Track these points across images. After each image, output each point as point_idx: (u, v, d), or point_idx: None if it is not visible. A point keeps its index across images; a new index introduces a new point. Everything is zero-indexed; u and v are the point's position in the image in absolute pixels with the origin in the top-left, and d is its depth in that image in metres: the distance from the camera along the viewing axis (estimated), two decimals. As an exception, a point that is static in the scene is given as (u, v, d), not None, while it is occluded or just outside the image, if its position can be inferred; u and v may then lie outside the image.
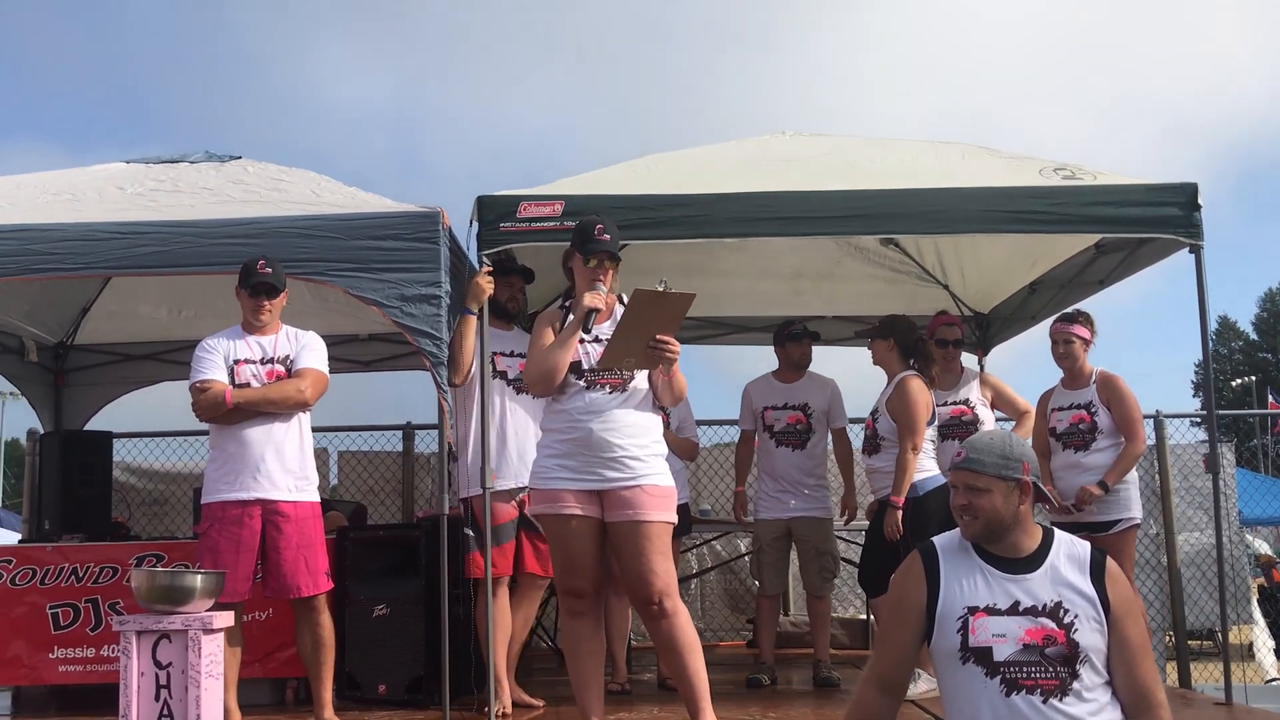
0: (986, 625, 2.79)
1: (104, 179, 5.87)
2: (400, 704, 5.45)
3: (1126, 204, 5.22)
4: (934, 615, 2.85)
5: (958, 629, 2.80)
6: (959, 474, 2.93)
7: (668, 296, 4.02)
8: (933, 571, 2.87)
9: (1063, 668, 2.74)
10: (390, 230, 4.99)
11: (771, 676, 6.10)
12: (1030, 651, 2.75)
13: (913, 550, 3.02)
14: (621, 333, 4.06)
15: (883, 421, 5.63)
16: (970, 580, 2.85)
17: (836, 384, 6.28)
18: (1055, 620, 2.78)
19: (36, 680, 5.91)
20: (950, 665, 2.83)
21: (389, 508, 8.35)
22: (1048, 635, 2.76)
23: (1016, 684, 2.74)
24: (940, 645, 2.84)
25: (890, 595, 2.99)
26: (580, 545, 4.18)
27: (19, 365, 7.71)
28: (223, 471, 4.71)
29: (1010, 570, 2.85)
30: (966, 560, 2.89)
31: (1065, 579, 2.84)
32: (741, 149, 6.23)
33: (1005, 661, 2.75)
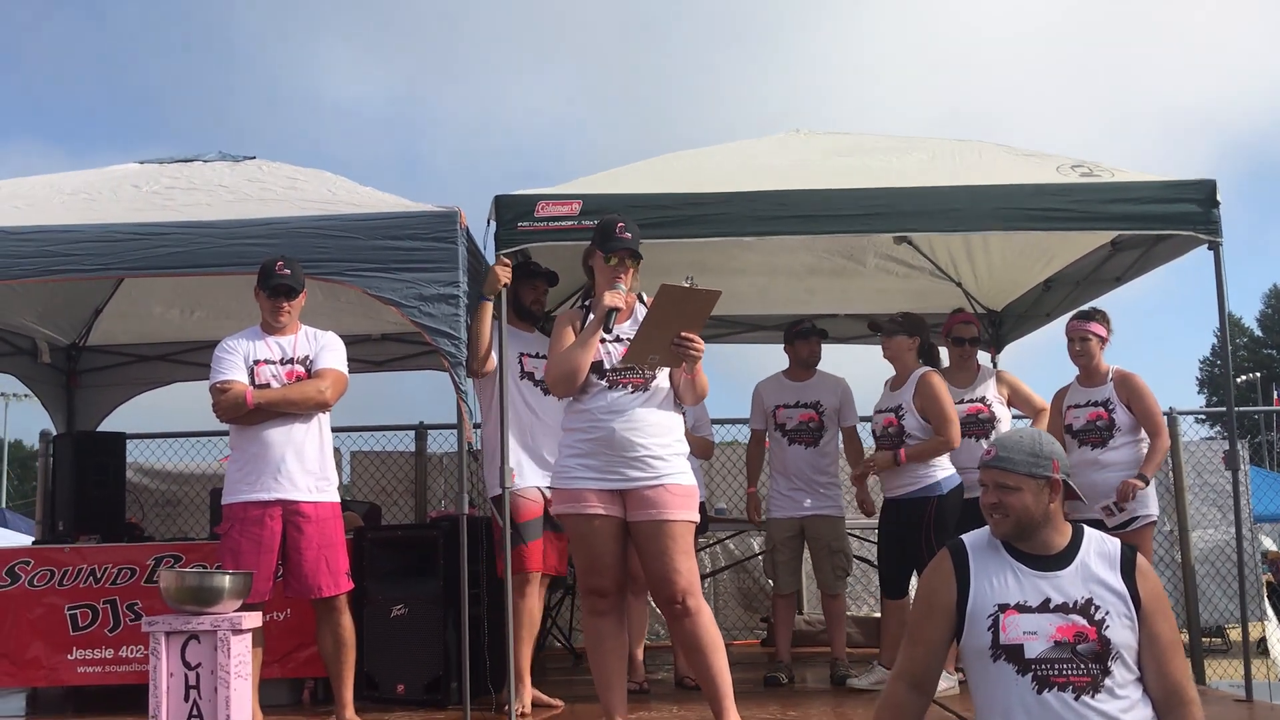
0: (1018, 623, 2.78)
1: (119, 178, 5.88)
2: (419, 704, 5.46)
3: (1145, 201, 5.22)
4: (964, 613, 2.84)
5: (988, 626, 2.79)
6: (989, 472, 2.91)
7: (694, 293, 4.01)
8: (962, 569, 2.87)
9: (1094, 664, 2.73)
10: (408, 230, 4.99)
11: (789, 675, 6.10)
12: (1062, 649, 2.75)
13: (941, 548, 3.00)
14: (646, 329, 4.05)
15: (910, 419, 5.61)
16: (1001, 578, 2.84)
17: (847, 383, 6.28)
18: (1086, 617, 2.77)
19: (55, 681, 5.91)
20: (981, 663, 2.82)
21: (402, 508, 8.35)
22: (1079, 632, 2.76)
23: (1048, 681, 2.73)
24: (971, 643, 2.83)
25: (919, 593, 2.98)
26: (603, 545, 4.18)
27: (32, 366, 7.72)
28: (244, 472, 4.71)
29: (1041, 568, 2.84)
30: (996, 558, 2.88)
31: (1096, 575, 2.83)
32: (757, 148, 6.23)
33: (1037, 659, 2.75)
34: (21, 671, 5.84)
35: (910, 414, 5.61)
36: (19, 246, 4.98)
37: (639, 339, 4.07)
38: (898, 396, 5.70)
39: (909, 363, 5.73)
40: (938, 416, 5.57)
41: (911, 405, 5.62)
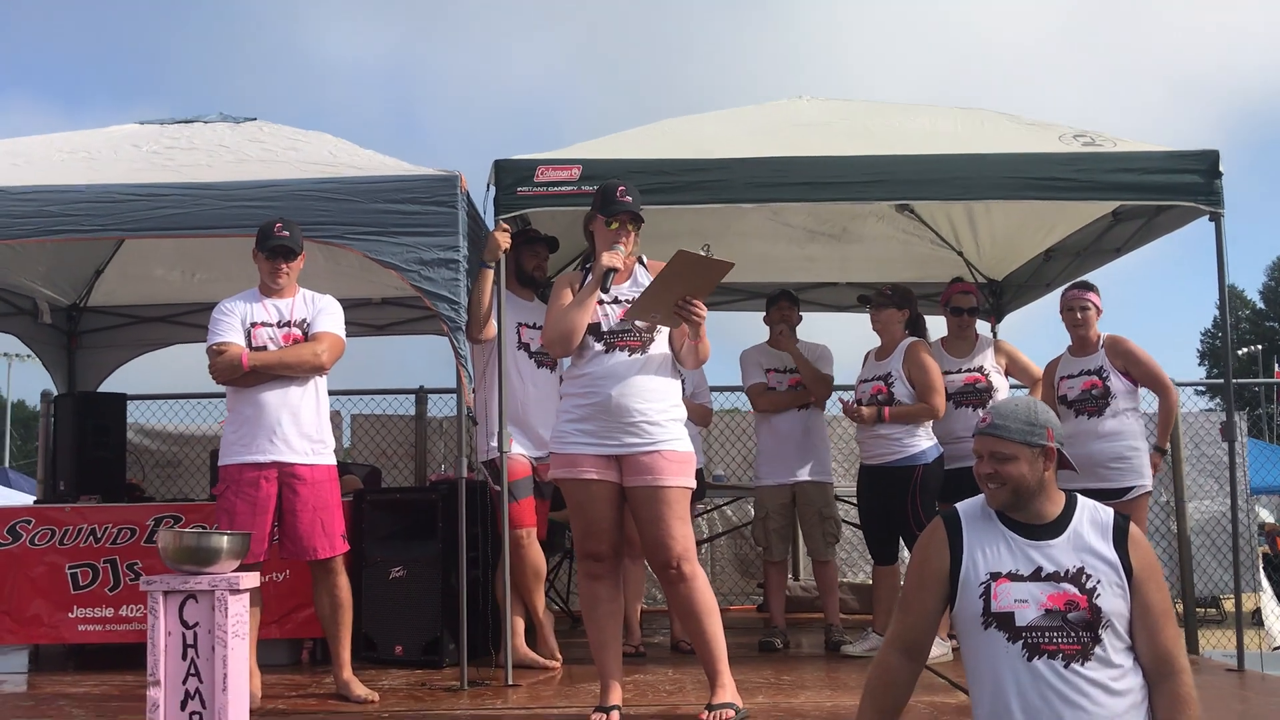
0: (1009, 591, 2.80)
1: (119, 138, 5.86)
2: (417, 664, 5.50)
3: (1147, 171, 5.20)
4: (957, 581, 2.85)
5: (980, 594, 2.81)
6: (984, 440, 2.92)
7: (708, 262, 4.02)
8: (955, 538, 2.88)
9: (1085, 633, 2.75)
10: (408, 194, 4.99)
11: (784, 640, 6.14)
12: (1052, 616, 2.76)
13: (934, 517, 3.02)
14: (654, 288, 4.06)
15: (899, 386, 5.64)
16: (993, 546, 2.86)
17: (827, 348, 6.27)
18: (1077, 585, 2.79)
19: (56, 639, 5.97)
20: (972, 630, 2.84)
21: (401, 471, 8.39)
22: (1070, 600, 2.77)
23: (1038, 649, 2.75)
24: (962, 610, 2.86)
25: (913, 562, 2.99)
26: (599, 510, 4.20)
27: (33, 326, 7.73)
28: (239, 434, 4.72)
29: (1033, 536, 2.85)
30: (989, 526, 2.89)
31: (1088, 544, 2.84)
32: (760, 114, 6.20)
33: (1027, 626, 2.76)
34: (23, 629, 5.89)
35: (900, 381, 5.65)
36: (17, 206, 4.97)
37: (645, 295, 4.08)
38: (886, 365, 5.74)
39: (896, 334, 5.79)
40: (923, 385, 5.62)
41: (901, 373, 5.67)
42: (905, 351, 5.70)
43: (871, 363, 5.85)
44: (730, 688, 4.21)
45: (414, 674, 5.34)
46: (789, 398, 6.19)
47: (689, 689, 4.80)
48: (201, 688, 3.32)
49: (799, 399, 6.16)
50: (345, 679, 4.81)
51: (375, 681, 5.02)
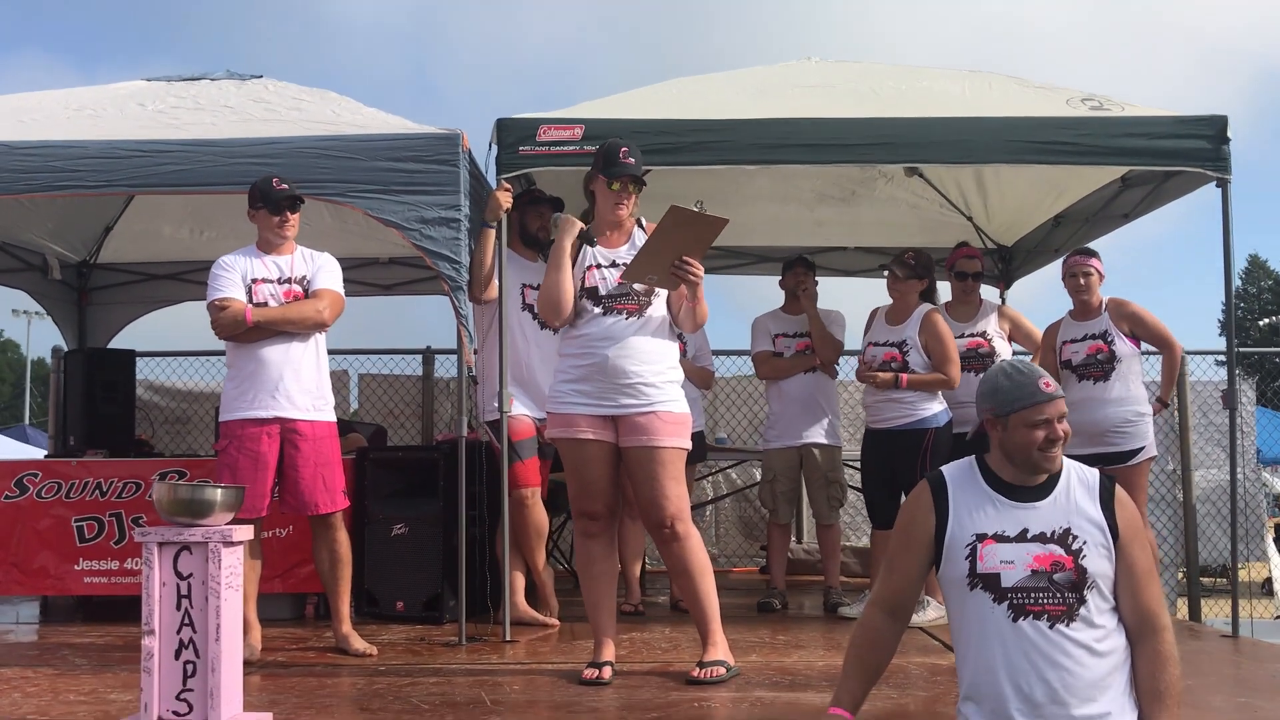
0: (995, 552, 2.79)
1: (125, 95, 5.87)
2: (417, 620, 5.56)
3: (1155, 136, 5.16)
4: (942, 542, 2.86)
5: (966, 555, 2.81)
6: (1058, 404, 2.86)
7: (702, 218, 4.01)
8: (941, 500, 2.88)
9: (1070, 593, 2.75)
10: (410, 152, 4.99)
11: (783, 601, 6.18)
12: (1038, 577, 2.76)
13: (921, 480, 3.02)
14: (649, 247, 4.06)
15: (914, 355, 5.61)
16: (979, 508, 2.85)
17: (840, 314, 6.26)
18: (1064, 547, 2.78)
19: (63, 590, 6.05)
20: (958, 591, 2.85)
21: (409, 430, 8.43)
22: (1056, 561, 2.77)
23: (1024, 609, 2.76)
24: (949, 572, 2.86)
25: (899, 522, 2.99)
26: (595, 469, 4.23)
27: (43, 283, 7.79)
28: (241, 390, 4.75)
29: (1020, 498, 2.85)
30: (976, 488, 2.89)
31: (1075, 505, 2.84)
32: (766, 75, 6.17)
33: (1013, 588, 2.77)
34: (30, 580, 5.97)
35: (915, 350, 5.62)
36: (24, 161, 4.99)
37: (640, 256, 4.08)
38: (900, 331, 5.69)
39: (912, 301, 5.75)
40: (941, 356, 5.60)
41: (917, 341, 5.63)
42: (922, 320, 5.66)
43: (882, 325, 5.79)
44: (722, 645, 4.25)
45: (414, 629, 5.40)
46: (793, 363, 6.19)
47: (684, 647, 4.84)
48: (195, 638, 3.35)
49: (805, 363, 6.16)
50: (344, 633, 4.86)
51: (376, 636, 5.08)
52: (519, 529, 5.28)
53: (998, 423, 2.86)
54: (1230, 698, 3.99)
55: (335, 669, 4.57)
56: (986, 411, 2.89)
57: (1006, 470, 2.88)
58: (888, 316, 5.81)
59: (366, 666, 4.59)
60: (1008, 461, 2.87)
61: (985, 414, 2.89)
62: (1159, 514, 8.01)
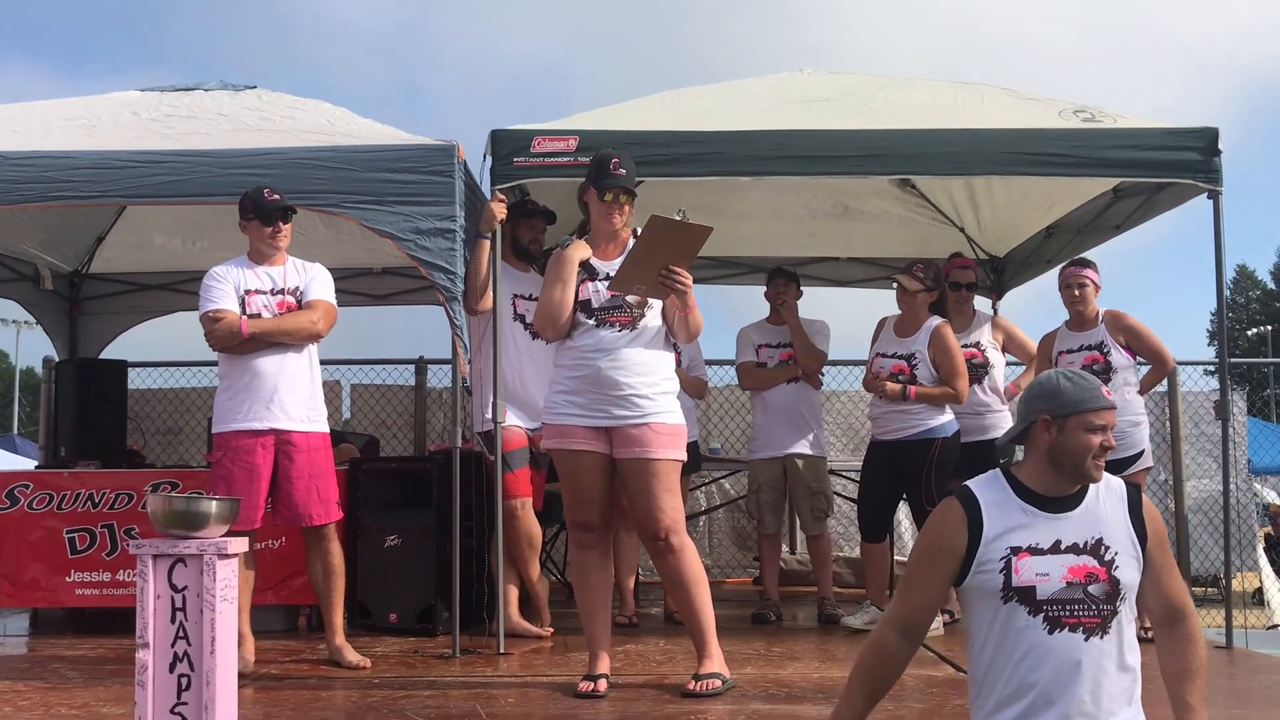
0: (1030, 565, 2.74)
1: (119, 105, 5.86)
2: (411, 632, 5.54)
3: (1146, 148, 5.18)
4: (973, 558, 2.79)
5: (1000, 569, 2.75)
6: (1113, 415, 2.84)
7: (684, 226, 4.01)
8: (974, 515, 2.81)
9: (1105, 605, 2.73)
10: (405, 163, 4.99)
11: (777, 613, 6.17)
12: (1073, 589, 2.72)
13: (946, 495, 2.91)
14: (634, 257, 4.06)
15: (923, 369, 5.59)
16: (1011, 520, 2.80)
17: (825, 323, 6.28)
18: (1097, 557, 2.75)
19: (54, 602, 6.02)
20: (988, 605, 2.79)
21: (401, 441, 8.42)
22: (1090, 572, 2.74)
23: (1059, 622, 2.72)
24: (979, 586, 2.79)
25: (924, 540, 2.89)
26: (589, 480, 4.23)
27: (34, 293, 7.76)
28: (235, 401, 4.74)
29: (1051, 509, 2.80)
30: (1006, 501, 2.83)
31: (1105, 515, 2.81)
32: (759, 87, 6.18)
33: (1049, 600, 2.72)
34: (21, 592, 5.94)
35: (924, 364, 5.60)
36: (16, 171, 4.98)
37: (625, 266, 4.09)
38: (910, 344, 5.66)
39: (921, 314, 5.70)
40: (949, 370, 5.59)
41: (925, 355, 5.61)
42: (931, 334, 5.65)
43: (892, 336, 5.77)
44: (718, 658, 4.24)
45: (408, 641, 5.38)
46: (776, 373, 6.21)
47: (679, 659, 4.83)
48: (190, 650, 3.34)
49: (788, 373, 6.18)
50: (338, 645, 4.85)
51: (369, 648, 5.07)
52: (510, 540, 5.28)
53: (1054, 424, 2.78)
54: (1224, 709, 3.99)
55: (329, 681, 4.55)
56: (1043, 412, 2.80)
57: (1038, 480, 2.82)
58: (896, 328, 5.78)
59: (360, 679, 4.57)
60: (1052, 468, 2.80)
61: (1040, 414, 2.80)
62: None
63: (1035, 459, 2.84)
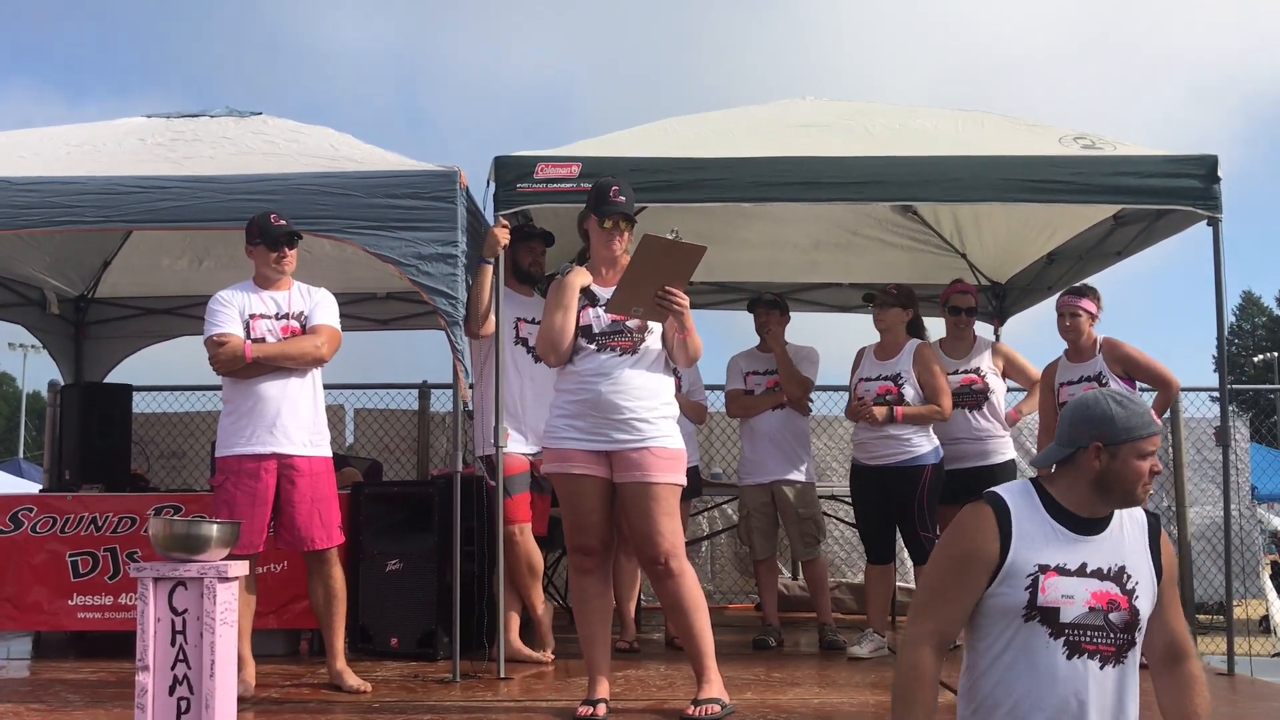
0: (1057, 585, 2.67)
1: (125, 131, 5.91)
2: (412, 657, 5.54)
3: (1146, 175, 5.20)
4: (1000, 569, 2.69)
5: (1027, 586, 2.67)
6: (1157, 439, 2.76)
7: (676, 246, 4.02)
8: (1005, 525, 2.71)
9: (1123, 634, 2.68)
10: (408, 189, 5.03)
11: (778, 638, 6.16)
12: (1095, 615, 2.67)
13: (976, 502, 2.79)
14: (628, 279, 4.07)
15: (909, 388, 5.64)
16: (1041, 536, 2.71)
17: (814, 350, 6.30)
18: (1119, 585, 2.69)
19: (56, 626, 6.03)
20: (1006, 622, 2.70)
21: (404, 465, 8.43)
22: (1112, 600, 2.68)
23: (1079, 647, 2.66)
24: (1000, 601, 2.70)
25: (952, 550, 2.77)
26: (589, 504, 4.24)
27: (40, 317, 7.80)
28: (238, 425, 4.76)
29: (1079, 530, 2.73)
30: (1035, 516, 2.74)
31: (1130, 543, 2.76)
32: (760, 113, 6.21)
33: (1071, 623, 2.66)
34: (23, 615, 5.95)
35: (909, 383, 5.65)
36: (23, 197, 5.03)
37: (620, 288, 4.09)
38: (893, 365, 5.73)
39: (900, 335, 5.78)
40: (933, 387, 5.65)
41: (911, 374, 5.66)
42: (914, 353, 5.72)
43: (873, 361, 5.83)
44: (717, 683, 4.24)
45: (408, 666, 5.38)
46: (761, 400, 6.23)
47: (679, 685, 4.83)
48: (190, 674, 3.35)
49: (773, 400, 6.20)
50: (339, 669, 4.85)
51: (370, 673, 5.06)
52: (511, 565, 5.28)
53: (1105, 451, 2.67)
54: (1226, 736, 3.98)
55: (329, 705, 4.55)
56: (1093, 438, 2.69)
57: (1074, 499, 2.74)
58: (876, 352, 5.85)
59: (360, 703, 4.57)
60: (1097, 493, 2.72)
61: (1091, 441, 2.69)
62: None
63: (1075, 480, 2.74)
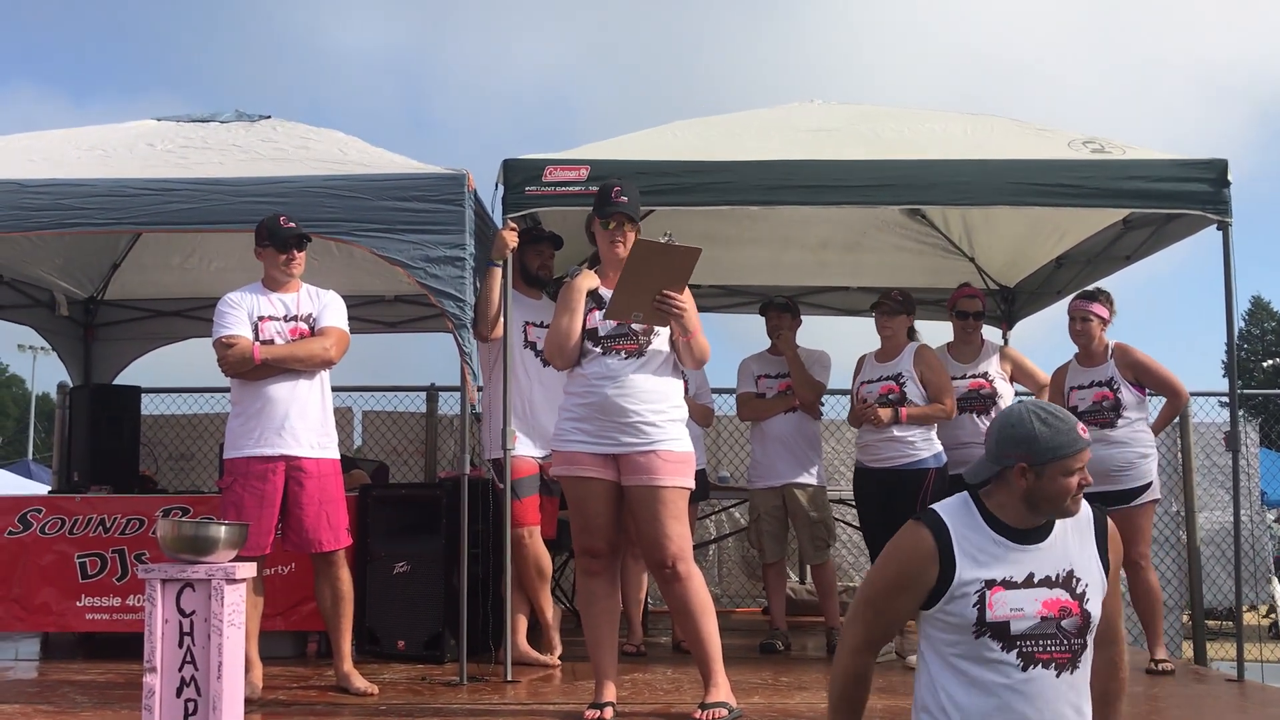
0: (1005, 599, 2.67)
1: (135, 135, 5.93)
2: (419, 659, 5.54)
3: (1155, 179, 5.19)
4: (944, 589, 2.70)
5: (974, 604, 2.67)
6: (1089, 452, 2.73)
7: (670, 249, 4.02)
8: (945, 547, 2.72)
9: (1076, 639, 2.69)
10: (415, 191, 5.04)
11: (785, 642, 6.15)
12: (1047, 624, 2.67)
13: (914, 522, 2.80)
14: (625, 284, 4.06)
15: (911, 387, 5.66)
16: (984, 552, 2.71)
17: (825, 354, 6.28)
18: (1069, 590, 2.70)
19: (64, 627, 6.04)
20: (958, 638, 2.71)
21: (412, 468, 8.44)
22: (1064, 607, 2.68)
23: (1033, 658, 2.66)
24: (949, 619, 2.71)
25: (891, 567, 2.79)
26: (596, 507, 4.24)
27: (50, 319, 7.83)
28: (247, 427, 4.77)
29: (1022, 540, 2.72)
30: (976, 530, 2.74)
31: (1074, 546, 2.75)
32: (769, 116, 6.22)
33: (1023, 635, 2.66)
34: (31, 617, 5.96)
35: (911, 381, 5.68)
36: (33, 199, 5.05)
37: (618, 295, 4.09)
38: (894, 366, 5.75)
39: (901, 339, 5.82)
40: (939, 387, 5.67)
41: (913, 373, 5.69)
42: (915, 353, 5.74)
43: (873, 365, 5.84)
44: (724, 687, 4.23)
45: (415, 668, 5.38)
46: (773, 404, 6.21)
47: (686, 688, 4.82)
48: (197, 675, 3.36)
49: (785, 403, 6.18)
50: (345, 671, 4.85)
51: (377, 675, 5.06)
52: (519, 568, 5.28)
53: (1030, 471, 2.66)
54: (1235, 742, 3.96)
55: (336, 708, 4.55)
56: (1018, 458, 2.68)
57: (1010, 514, 2.74)
58: (877, 356, 5.87)
59: (367, 705, 4.57)
60: (1028, 509, 2.72)
61: (1016, 461, 2.68)
62: (1163, 556, 7.98)
63: (1008, 497, 2.74)
